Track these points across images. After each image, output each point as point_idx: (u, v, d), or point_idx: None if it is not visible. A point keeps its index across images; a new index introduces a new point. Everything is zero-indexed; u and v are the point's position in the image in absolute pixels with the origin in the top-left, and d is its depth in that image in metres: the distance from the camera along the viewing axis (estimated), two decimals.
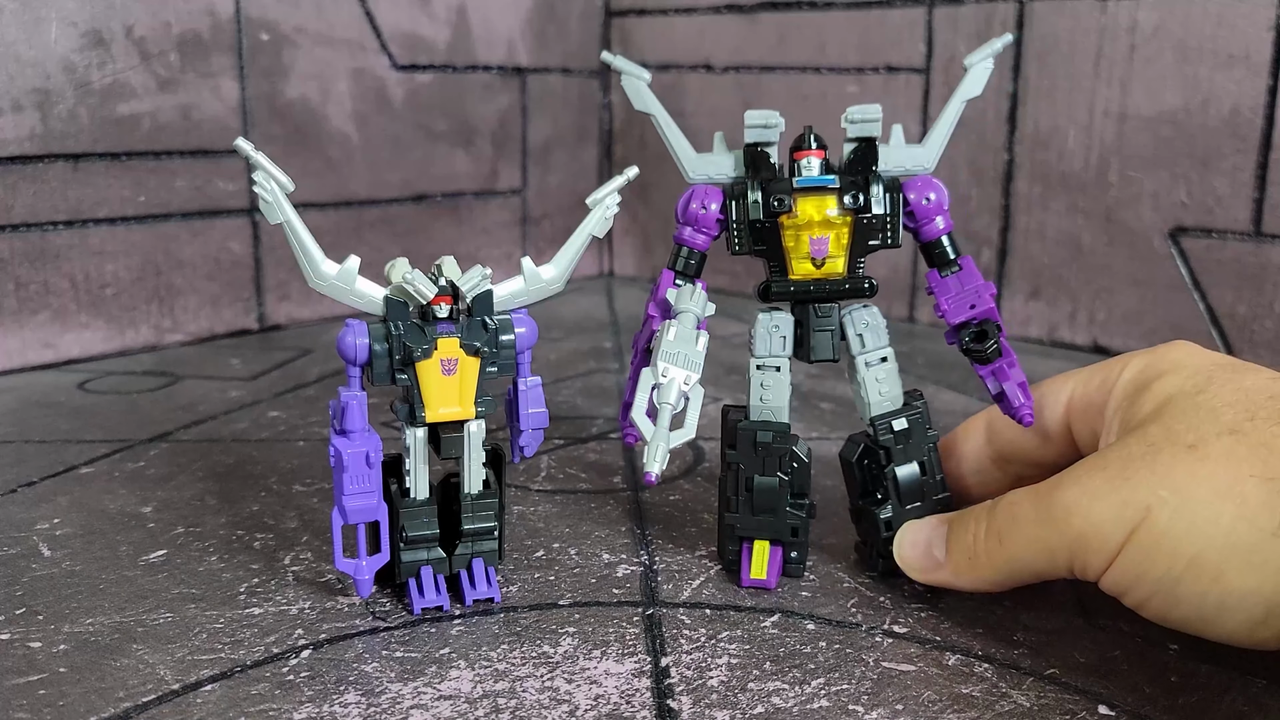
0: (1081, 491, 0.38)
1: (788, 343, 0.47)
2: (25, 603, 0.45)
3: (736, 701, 0.38)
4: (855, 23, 0.98)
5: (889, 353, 0.47)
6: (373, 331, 0.43)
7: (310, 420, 0.69)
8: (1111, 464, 0.38)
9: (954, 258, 0.46)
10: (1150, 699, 0.39)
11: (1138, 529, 0.36)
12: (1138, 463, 0.37)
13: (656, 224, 1.17)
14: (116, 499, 0.56)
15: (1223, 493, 0.36)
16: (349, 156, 0.98)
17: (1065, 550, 0.38)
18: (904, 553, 0.45)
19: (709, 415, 0.71)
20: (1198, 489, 0.36)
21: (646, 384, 0.42)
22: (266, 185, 0.41)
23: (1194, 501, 0.36)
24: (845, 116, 0.45)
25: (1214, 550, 0.35)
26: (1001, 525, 0.41)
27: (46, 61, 0.79)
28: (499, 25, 1.07)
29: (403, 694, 0.39)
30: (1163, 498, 0.36)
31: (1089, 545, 0.38)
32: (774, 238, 0.46)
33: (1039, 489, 0.40)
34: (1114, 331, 0.89)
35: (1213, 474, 0.36)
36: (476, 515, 0.45)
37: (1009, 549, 0.40)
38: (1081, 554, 0.38)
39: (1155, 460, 0.37)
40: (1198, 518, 0.35)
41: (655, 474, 0.41)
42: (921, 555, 0.44)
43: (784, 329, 0.47)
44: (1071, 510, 0.38)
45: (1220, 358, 0.42)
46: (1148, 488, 0.36)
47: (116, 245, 0.85)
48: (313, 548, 0.51)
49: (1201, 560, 0.35)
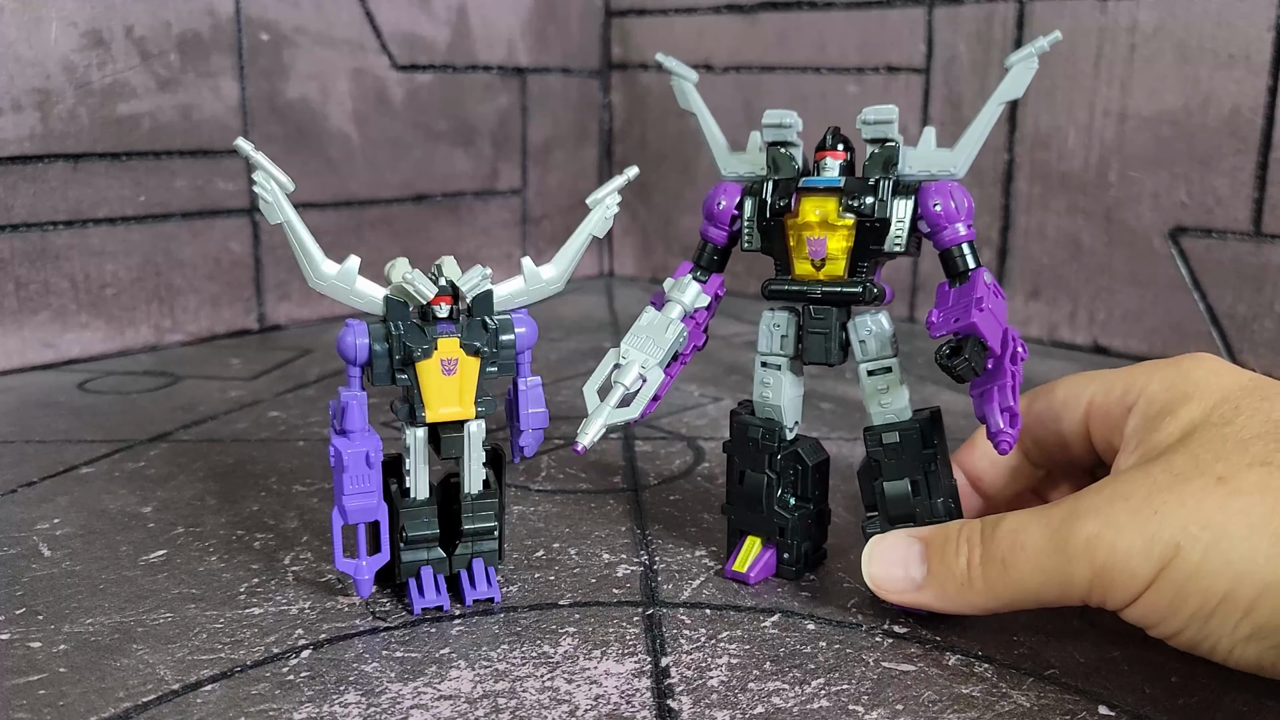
0: (1104, 523, 0.36)
1: (788, 342, 0.46)
2: (25, 603, 0.45)
3: (737, 701, 0.38)
4: (855, 23, 0.98)
5: (893, 363, 0.45)
6: (373, 331, 0.43)
7: (310, 420, 0.69)
8: (1136, 493, 0.36)
9: (965, 269, 0.43)
10: (1150, 699, 0.39)
11: (1168, 566, 0.35)
12: (1164, 494, 0.36)
13: (656, 224, 1.17)
14: (116, 499, 0.56)
15: (1258, 528, 0.34)
16: (349, 156, 0.98)
17: (1083, 583, 0.37)
18: (873, 571, 0.42)
19: (708, 415, 0.71)
20: (1231, 524, 0.35)
21: (609, 362, 0.44)
22: (266, 185, 0.41)
23: (1228, 537, 0.34)
24: (860, 118, 0.44)
25: (1249, 586, 0.34)
26: (1005, 552, 0.39)
27: (46, 61, 0.79)
28: (499, 25, 1.07)
29: (403, 694, 0.39)
30: (1194, 535, 0.35)
31: (1113, 580, 0.36)
32: (779, 237, 0.45)
33: (1049, 517, 0.38)
34: (1114, 331, 0.89)
35: (1246, 508, 0.35)
36: (476, 515, 0.45)
37: (1015, 576, 0.39)
38: (1103, 588, 0.37)
39: (1184, 492, 0.36)
40: (1233, 554, 0.34)
41: (583, 446, 0.42)
42: (896, 576, 0.42)
43: (784, 328, 0.46)
44: (1094, 544, 0.36)
45: (1246, 379, 0.40)
46: (1177, 522, 0.35)
47: (116, 245, 0.85)
48: (313, 548, 0.51)
49: (1235, 596, 0.34)
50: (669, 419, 0.70)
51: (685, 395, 0.75)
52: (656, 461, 0.63)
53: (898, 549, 0.42)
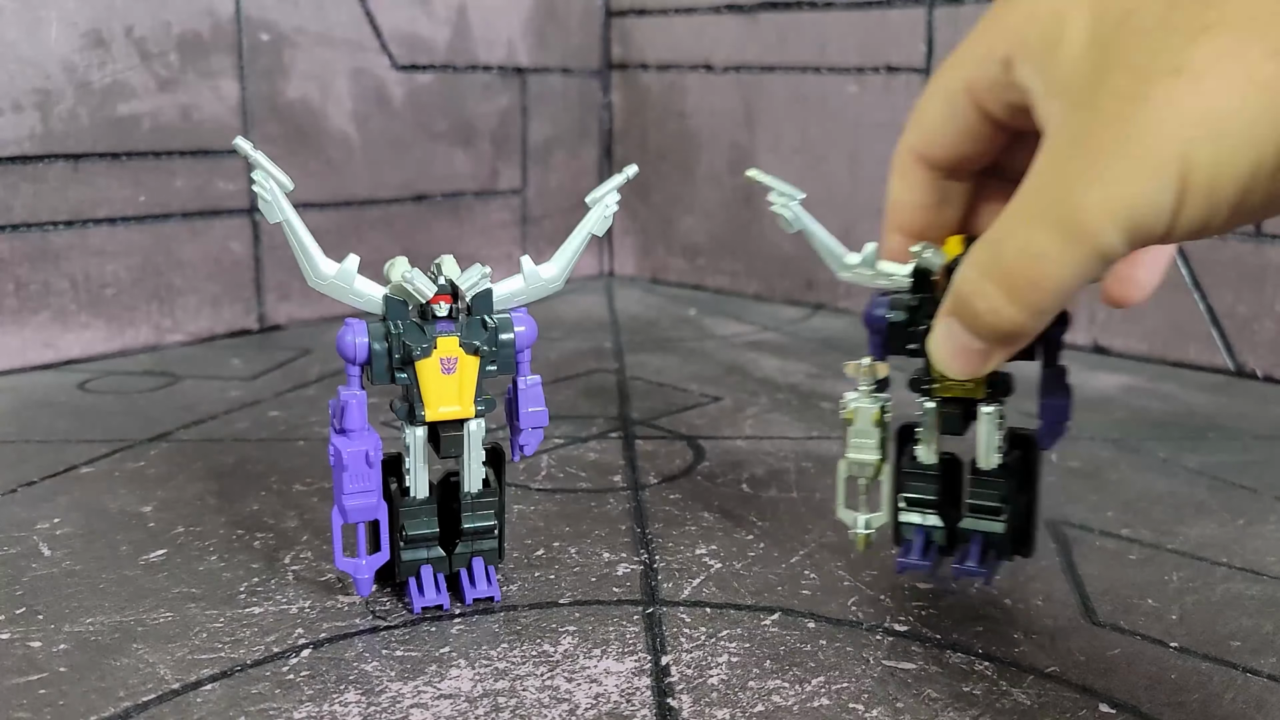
0: (1102, 185, 0.33)
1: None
2: (25, 602, 0.45)
3: (737, 700, 0.38)
4: (855, 23, 0.98)
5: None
6: (372, 330, 0.43)
7: (310, 420, 0.69)
8: (1106, 134, 0.33)
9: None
10: (1150, 697, 0.39)
11: (1186, 180, 0.32)
12: (1134, 117, 0.32)
13: (656, 224, 1.17)
14: (116, 499, 0.56)
15: (1242, 93, 0.31)
16: (349, 156, 0.98)
17: (1118, 249, 0.33)
18: (954, 367, 0.38)
19: (708, 415, 0.71)
20: (1215, 102, 0.31)
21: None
22: (266, 184, 0.41)
23: (1222, 116, 0.31)
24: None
25: (1272, 137, 0.31)
26: (1027, 275, 0.35)
27: (46, 61, 0.79)
28: (499, 25, 1.07)
29: (403, 693, 0.39)
30: (1190, 136, 0.31)
31: (1142, 228, 0.33)
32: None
33: (1036, 210, 0.34)
34: (1114, 331, 0.89)
35: (1219, 85, 0.31)
36: (476, 514, 0.45)
37: (1050, 285, 0.34)
38: (1138, 242, 0.33)
39: (1151, 104, 0.32)
40: (1235, 125, 0.31)
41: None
42: (970, 358, 0.38)
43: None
44: (1107, 209, 0.33)
45: None
46: (1167, 136, 0.32)
47: (116, 245, 0.85)
48: (313, 547, 0.51)
49: (1263, 159, 0.31)
50: (669, 419, 0.70)
51: (685, 395, 0.75)
52: (656, 461, 0.63)
53: (948, 340, 0.38)
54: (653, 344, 0.90)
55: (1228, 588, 0.47)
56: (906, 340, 0.44)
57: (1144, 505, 0.56)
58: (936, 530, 0.46)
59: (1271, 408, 0.74)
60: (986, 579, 0.46)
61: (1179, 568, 0.49)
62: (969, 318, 0.37)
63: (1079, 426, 0.69)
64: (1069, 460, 0.63)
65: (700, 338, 0.92)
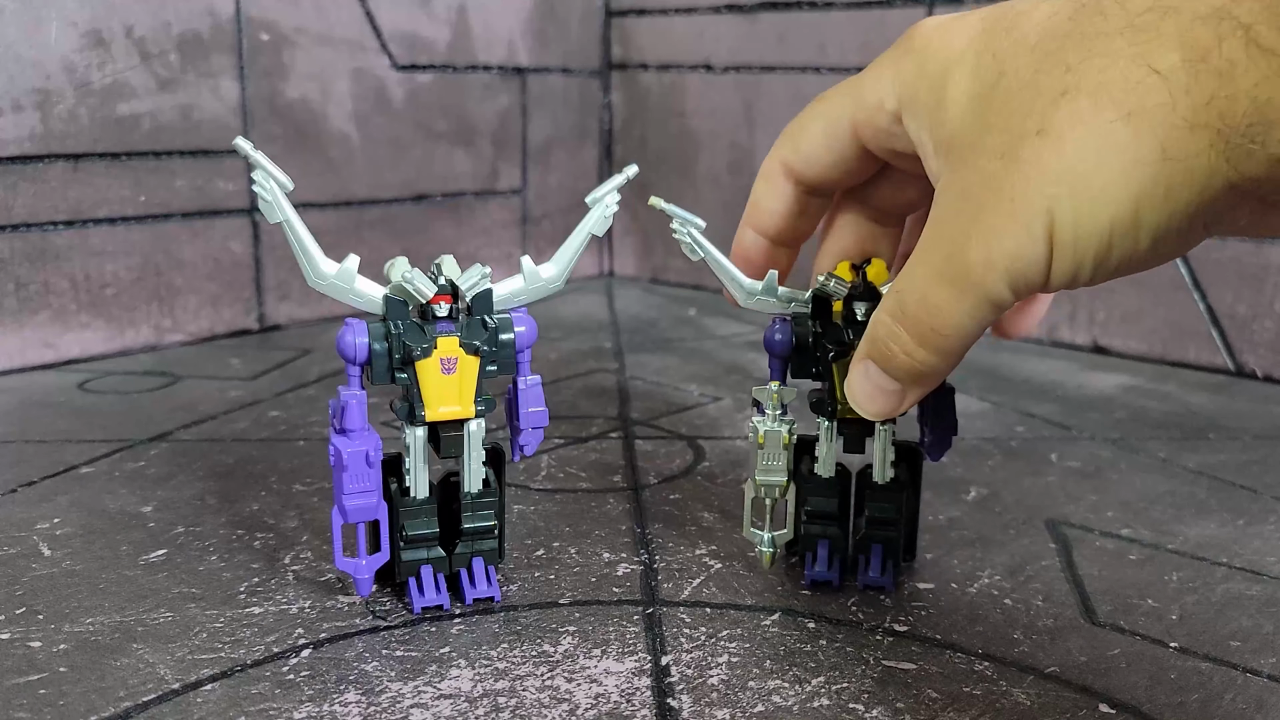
0: (982, 240, 0.35)
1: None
2: (25, 602, 0.45)
3: (737, 700, 0.38)
4: (855, 23, 0.98)
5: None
6: (372, 330, 0.43)
7: (310, 420, 0.69)
8: (980, 197, 0.35)
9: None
10: (1150, 697, 0.39)
11: (1053, 234, 0.34)
12: (1006, 178, 0.34)
13: (656, 224, 1.17)
14: (116, 499, 0.56)
15: (1098, 153, 0.33)
16: (349, 156, 0.98)
17: (1006, 298, 0.36)
18: (871, 409, 0.41)
19: (708, 415, 0.71)
20: (1077, 164, 0.33)
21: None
22: (265, 184, 0.41)
23: (1080, 176, 0.33)
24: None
25: (1126, 204, 0.33)
26: (928, 322, 0.38)
27: (46, 61, 0.79)
28: (499, 25, 1.07)
29: (403, 693, 0.39)
30: (1052, 194, 0.33)
31: (1022, 277, 0.35)
32: None
33: (932, 265, 0.37)
34: (1114, 331, 0.89)
35: (1078, 147, 0.33)
36: (476, 514, 0.45)
37: (952, 330, 0.37)
38: (1021, 291, 0.36)
39: (1018, 165, 0.34)
40: (1095, 185, 0.33)
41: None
42: (885, 399, 0.41)
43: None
44: (990, 263, 0.35)
45: (975, 23, 0.38)
46: (1034, 193, 0.34)
47: (116, 245, 0.85)
48: (313, 547, 0.51)
49: (1120, 218, 0.33)
50: (669, 419, 0.70)
51: (685, 395, 0.75)
52: (656, 461, 0.63)
53: (865, 381, 0.41)
54: (653, 344, 0.90)
55: (1228, 588, 0.47)
56: (811, 364, 0.46)
57: (1144, 505, 0.56)
58: (839, 541, 0.47)
59: (1271, 408, 0.74)
60: (890, 587, 0.47)
61: (1179, 568, 0.49)
62: (884, 360, 0.40)
63: (1079, 426, 0.69)
64: (1069, 460, 0.63)
65: (700, 338, 0.92)
